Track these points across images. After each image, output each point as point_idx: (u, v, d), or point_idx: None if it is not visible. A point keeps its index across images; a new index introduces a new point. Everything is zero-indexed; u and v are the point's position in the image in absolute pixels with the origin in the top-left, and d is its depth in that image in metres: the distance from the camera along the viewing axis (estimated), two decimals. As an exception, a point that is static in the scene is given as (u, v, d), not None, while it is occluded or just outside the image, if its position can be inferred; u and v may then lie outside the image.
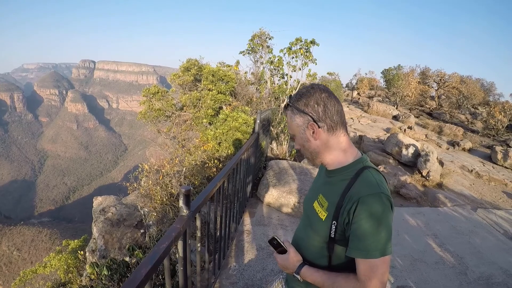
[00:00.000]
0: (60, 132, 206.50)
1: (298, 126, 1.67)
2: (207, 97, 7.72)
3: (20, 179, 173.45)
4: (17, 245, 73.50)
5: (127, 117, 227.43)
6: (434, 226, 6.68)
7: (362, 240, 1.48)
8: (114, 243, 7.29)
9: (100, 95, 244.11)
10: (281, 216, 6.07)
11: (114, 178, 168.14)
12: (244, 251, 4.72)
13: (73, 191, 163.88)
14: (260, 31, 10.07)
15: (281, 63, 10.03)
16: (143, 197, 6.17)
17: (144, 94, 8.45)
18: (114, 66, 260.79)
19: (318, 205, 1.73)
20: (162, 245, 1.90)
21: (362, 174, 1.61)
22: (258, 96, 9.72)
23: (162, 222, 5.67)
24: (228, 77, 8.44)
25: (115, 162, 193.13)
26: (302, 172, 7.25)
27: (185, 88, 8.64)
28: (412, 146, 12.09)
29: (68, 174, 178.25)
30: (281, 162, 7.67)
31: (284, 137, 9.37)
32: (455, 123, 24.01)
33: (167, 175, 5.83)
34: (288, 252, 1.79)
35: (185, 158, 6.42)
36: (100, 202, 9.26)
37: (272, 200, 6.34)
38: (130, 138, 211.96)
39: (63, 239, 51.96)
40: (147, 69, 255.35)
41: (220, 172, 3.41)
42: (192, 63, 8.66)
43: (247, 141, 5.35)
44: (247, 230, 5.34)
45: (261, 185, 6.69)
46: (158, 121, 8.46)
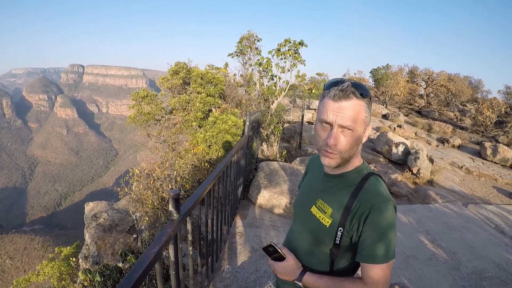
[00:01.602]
0: (50, 138, 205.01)
1: (363, 121, 1.52)
2: (196, 100, 7.71)
3: (11, 186, 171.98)
4: (10, 254, 72.64)
5: (117, 121, 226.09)
6: (426, 222, 6.72)
7: (374, 247, 1.49)
8: (107, 248, 7.25)
9: (90, 100, 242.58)
10: (273, 217, 6.09)
11: (105, 183, 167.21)
12: (237, 253, 4.72)
13: (64, 198, 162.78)
14: (248, 33, 10.07)
15: (269, 65, 10.06)
16: (135, 201, 6.15)
17: (133, 98, 8.41)
18: (103, 70, 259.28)
19: (318, 210, 1.69)
20: (152, 249, 1.90)
21: (368, 180, 1.60)
22: (247, 98, 9.72)
23: (154, 226, 5.66)
24: (217, 79, 8.43)
25: (106, 167, 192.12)
26: (293, 173, 7.27)
27: (174, 92, 8.62)
28: (402, 144, 12.15)
29: (59, 180, 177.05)
30: (271, 164, 7.68)
31: (275, 139, 9.39)
32: (444, 120, 24.16)
33: (158, 179, 5.82)
34: (286, 259, 1.74)
35: (176, 161, 6.41)
36: (92, 207, 9.21)
37: (263, 202, 6.35)
38: (121, 142, 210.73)
39: (56, 246, 51.50)
40: (136, 73, 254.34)
41: (210, 175, 3.41)
42: (181, 66, 8.63)
43: (237, 143, 5.36)
44: (240, 232, 5.35)
45: (252, 186, 6.71)
46: (147, 125, 8.42)
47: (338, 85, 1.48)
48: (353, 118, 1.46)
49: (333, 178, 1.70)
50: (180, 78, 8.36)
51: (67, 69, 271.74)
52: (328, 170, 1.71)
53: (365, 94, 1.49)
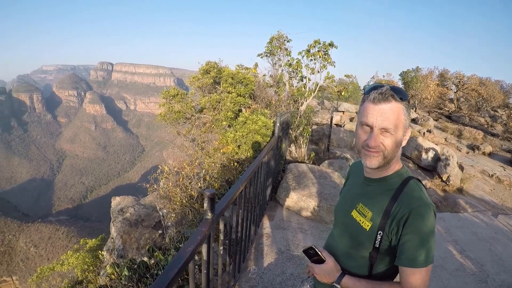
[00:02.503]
0: (79, 133, 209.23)
1: (403, 124, 1.56)
2: (227, 100, 7.71)
3: (39, 177, 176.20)
4: (35, 242, 74.82)
5: (145, 118, 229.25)
6: (454, 232, 6.57)
7: (414, 250, 1.49)
8: (132, 243, 7.32)
9: (118, 97, 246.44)
10: (300, 220, 6.04)
11: (131, 179, 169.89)
12: (263, 255, 4.70)
13: (90, 191, 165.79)
14: (278, 33, 10.02)
15: (299, 66, 9.97)
16: (162, 198, 6.19)
17: (164, 96, 8.45)
18: (132, 68, 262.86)
19: (358, 214, 1.70)
20: (188, 248, 1.90)
21: (408, 184, 1.61)
22: (277, 99, 9.68)
23: (181, 223, 5.67)
24: (247, 79, 8.41)
25: (133, 163, 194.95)
26: (321, 175, 7.20)
27: (204, 91, 8.64)
28: (432, 150, 11.96)
29: (86, 173, 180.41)
30: (300, 165, 7.63)
31: (303, 140, 9.32)
32: (474, 126, 23.64)
33: (187, 177, 5.84)
34: (326, 262, 1.75)
35: (205, 160, 6.42)
36: (119, 202, 9.32)
37: (291, 204, 6.31)
38: (148, 139, 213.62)
39: (80, 237, 52.43)
40: (164, 71, 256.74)
41: (243, 176, 3.40)
42: (212, 65, 8.64)
43: (267, 144, 5.34)
44: (267, 234, 5.33)
45: (281, 188, 6.67)
46: (177, 123, 8.45)
47: (377, 89, 1.55)
48: (392, 121, 1.52)
49: (373, 182, 1.71)
50: (211, 78, 8.37)
51: (97, 66, 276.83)
52: (368, 174, 1.73)
53: (404, 98, 1.55)
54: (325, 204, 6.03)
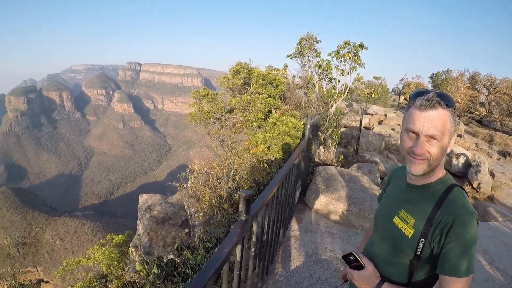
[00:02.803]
0: (107, 131, 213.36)
1: (449, 131, 1.54)
2: (257, 101, 7.70)
3: (67, 173, 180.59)
4: (60, 235, 76.88)
5: (172, 118, 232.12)
6: (484, 241, 6.38)
7: (457, 259, 1.47)
8: (158, 240, 7.36)
9: (146, 96, 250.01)
10: (328, 223, 5.97)
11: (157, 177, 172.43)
12: (291, 257, 4.66)
13: (117, 187, 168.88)
14: (308, 34, 9.97)
15: (329, 67, 9.89)
16: (191, 197, 6.20)
17: (194, 96, 8.49)
18: (160, 68, 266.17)
19: (400, 221, 1.68)
20: (224, 249, 1.90)
21: (452, 192, 1.58)
22: (306, 100, 9.62)
23: (208, 223, 5.67)
24: (277, 81, 8.39)
25: (159, 161, 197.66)
26: (350, 179, 7.12)
27: (234, 91, 8.64)
28: (463, 155, 11.72)
29: (113, 170, 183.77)
30: (329, 168, 7.55)
31: (332, 143, 9.24)
32: (506, 131, 23.02)
33: (217, 177, 5.84)
34: (366, 268, 1.73)
35: (235, 161, 6.41)
36: (146, 199, 9.39)
37: (320, 207, 6.25)
38: (175, 138, 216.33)
39: (105, 232, 53.09)
40: (192, 72, 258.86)
41: (275, 178, 3.38)
42: (242, 66, 8.63)
43: (298, 146, 5.31)
44: (295, 236, 5.28)
45: (309, 190, 6.61)
46: (207, 123, 8.48)
47: (423, 95, 1.52)
48: (439, 128, 1.50)
49: (417, 188, 1.68)
50: (241, 78, 8.36)
51: (125, 66, 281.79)
52: (412, 180, 1.71)
53: (450, 104, 1.52)
54: (354, 208, 5.95)
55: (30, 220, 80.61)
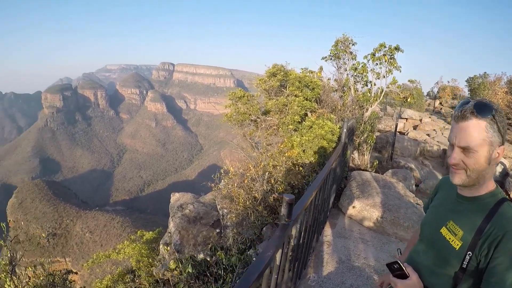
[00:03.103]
0: (139, 129, 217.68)
1: (488, 143, 1.51)
2: (294, 103, 7.65)
3: (99, 169, 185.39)
4: (90, 228, 79.32)
5: (204, 118, 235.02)
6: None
7: (504, 274, 1.43)
8: (189, 239, 7.38)
9: (179, 96, 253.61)
10: (362, 230, 5.88)
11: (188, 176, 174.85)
12: (323, 263, 4.60)
13: (147, 185, 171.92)
14: (343, 36, 9.84)
15: (365, 70, 9.73)
16: (224, 198, 6.20)
17: (230, 97, 8.52)
18: (193, 69, 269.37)
19: (448, 232, 1.67)
20: (267, 253, 1.90)
21: (502, 206, 1.56)
22: (342, 103, 9.52)
23: (241, 224, 5.66)
24: (314, 83, 8.33)
25: (190, 161, 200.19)
26: (385, 185, 6.99)
27: (270, 93, 8.62)
28: (500, 164, 11.39)
29: (144, 168, 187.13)
30: (364, 173, 7.45)
31: (367, 148, 9.10)
32: (546, 140, 22.26)
33: (252, 179, 5.82)
34: (410, 278, 1.69)
35: (270, 163, 6.37)
36: (178, 198, 9.44)
37: (354, 212, 6.15)
38: (206, 138, 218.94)
39: (134, 228, 53.98)
40: (224, 72, 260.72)
41: (314, 182, 3.35)
42: (278, 68, 8.60)
43: (335, 150, 5.25)
44: (328, 241, 5.21)
45: (344, 195, 6.53)
46: (242, 125, 8.49)
47: (462, 106, 1.54)
48: (473, 139, 1.49)
49: (467, 200, 1.67)
50: (278, 81, 8.34)
51: (158, 66, 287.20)
52: (462, 191, 1.70)
53: (488, 114, 1.49)
54: (389, 216, 5.83)
55: (62, 212, 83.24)
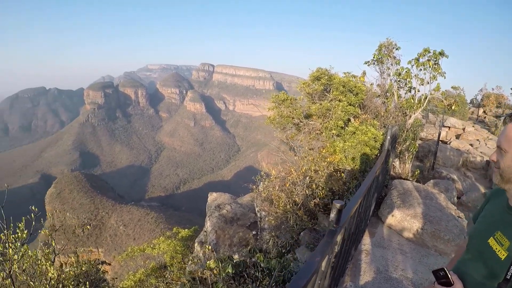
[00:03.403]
0: (178, 128, 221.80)
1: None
2: (337, 108, 7.58)
3: (137, 165, 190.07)
4: (125, 222, 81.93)
5: (243, 119, 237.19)
6: None
7: None
8: (225, 239, 7.43)
9: (218, 97, 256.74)
10: (401, 241, 5.76)
11: (224, 176, 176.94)
12: (361, 272, 4.55)
13: (183, 183, 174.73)
14: (387, 40, 9.67)
15: (409, 76, 9.52)
16: (264, 200, 6.20)
17: (273, 100, 8.51)
18: (232, 70, 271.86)
19: (496, 242, 1.67)
20: (316, 258, 1.91)
21: None
22: (385, 109, 9.36)
23: (279, 228, 5.64)
24: (358, 88, 8.24)
25: (227, 161, 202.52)
26: (427, 196, 6.83)
27: (314, 97, 8.57)
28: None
29: (181, 166, 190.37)
30: (405, 183, 7.29)
31: (408, 156, 8.92)
32: None
33: (293, 183, 5.80)
34: (454, 286, 1.73)
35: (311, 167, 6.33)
36: (215, 198, 9.52)
37: (394, 222, 6.04)
38: (244, 140, 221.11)
39: (167, 224, 55.27)
40: (264, 75, 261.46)
41: (359, 190, 3.33)
42: (322, 72, 8.55)
43: (379, 158, 5.17)
44: (366, 250, 5.14)
45: (384, 204, 6.41)
46: (284, 128, 8.47)
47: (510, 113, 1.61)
48: (503, 139, 1.61)
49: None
50: (321, 85, 8.29)
51: (198, 67, 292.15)
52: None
53: None
54: (429, 227, 5.69)
55: (98, 204, 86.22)
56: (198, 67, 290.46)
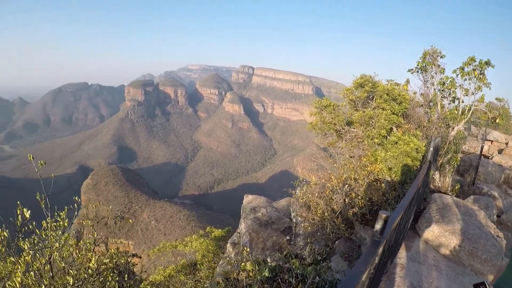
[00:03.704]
0: (215, 128, 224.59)
1: None
2: (381, 117, 7.46)
3: (173, 162, 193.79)
4: (157, 217, 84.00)
5: (280, 123, 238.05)
6: None
7: None
8: (258, 242, 7.43)
9: (256, 100, 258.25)
10: (437, 257, 5.62)
11: (258, 179, 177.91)
12: (394, 285, 4.50)
13: (218, 183, 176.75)
14: (432, 48, 9.45)
15: (453, 86, 9.25)
16: (301, 206, 6.17)
17: (316, 105, 8.46)
18: (272, 73, 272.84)
19: None
20: (361, 268, 1.89)
21: None
22: (428, 120, 9.15)
23: (314, 235, 5.61)
24: (402, 97, 8.09)
25: (263, 164, 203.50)
26: (466, 212, 6.64)
27: (357, 104, 8.48)
28: None
29: (216, 166, 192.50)
30: (445, 197, 7.11)
31: (449, 169, 8.68)
32: None
33: (332, 190, 5.76)
34: None
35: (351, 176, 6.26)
36: (251, 200, 9.54)
37: (431, 237, 5.90)
38: (281, 143, 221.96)
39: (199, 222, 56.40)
40: (303, 79, 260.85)
41: (402, 203, 3.28)
42: (366, 79, 8.42)
43: (421, 170, 5.07)
44: (401, 264, 5.05)
45: (422, 218, 6.26)
46: (325, 134, 8.41)
47: None
48: None
49: None
50: (365, 92, 8.18)
51: (238, 69, 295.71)
52: None
53: None
54: (467, 245, 5.52)
55: (132, 198, 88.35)
56: (238, 69, 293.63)
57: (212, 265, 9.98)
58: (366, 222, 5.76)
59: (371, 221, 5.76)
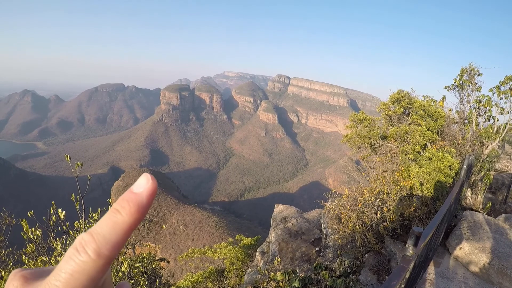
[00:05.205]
0: (249, 136, 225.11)
1: None
2: (416, 133, 7.48)
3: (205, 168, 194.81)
4: (185, 222, 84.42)
5: (314, 134, 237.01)
6: None
7: None
8: (287, 252, 7.49)
9: (291, 109, 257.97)
10: (466, 274, 5.60)
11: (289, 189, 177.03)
12: (423, 301, 4.49)
13: (248, 191, 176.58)
14: (470, 66, 9.39)
15: (489, 104, 9.18)
16: (332, 218, 6.24)
17: (352, 119, 8.52)
18: (308, 84, 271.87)
19: None
20: (392, 282, 1.94)
21: None
22: (462, 137, 9.09)
23: (344, 248, 5.67)
24: (437, 114, 8.07)
25: (294, 174, 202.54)
26: (497, 230, 6.59)
27: (392, 119, 8.51)
28: None
29: (248, 174, 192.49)
30: (476, 215, 7.06)
31: (481, 187, 8.59)
32: None
33: (364, 204, 5.81)
34: None
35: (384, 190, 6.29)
36: (281, 210, 9.62)
37: (461, 254, 5.89)
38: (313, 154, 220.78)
39: (227, 229, 56.80)
40: (339, 91, 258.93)
41: (434, 219, 3.33)
42: (403, 94, 8.43)
43: (454, 187, 5.09)
44: (430, 280, 5.07)
45: (453, 235, 6.26)
46: (359, 148, 8.45)
47: None
48: None
49: None
50: (401, 107, 8.21)
51: (274, 78, 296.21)
52: None
53: None
54: (497, 263, 5.50)
55: (162, 202, 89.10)
56: (274, 78, 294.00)
57: (240, 273, 10.06)
58: (396, 237, 5.80)
59: (401, 236, 5.80)
